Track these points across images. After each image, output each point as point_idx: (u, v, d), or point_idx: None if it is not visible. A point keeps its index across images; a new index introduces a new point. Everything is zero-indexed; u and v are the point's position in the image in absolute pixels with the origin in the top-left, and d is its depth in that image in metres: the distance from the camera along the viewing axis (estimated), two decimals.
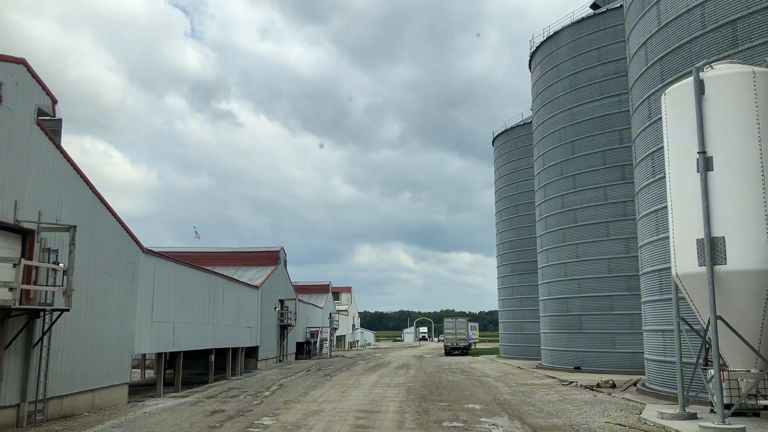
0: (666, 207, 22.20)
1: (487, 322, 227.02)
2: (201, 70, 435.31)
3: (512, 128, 61.18)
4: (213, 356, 34.65)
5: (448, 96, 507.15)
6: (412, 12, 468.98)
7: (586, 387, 27.41)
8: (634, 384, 26.71)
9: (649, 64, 23.83)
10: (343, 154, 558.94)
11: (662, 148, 22.65)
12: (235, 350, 39.44)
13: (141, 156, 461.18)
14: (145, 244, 25.32)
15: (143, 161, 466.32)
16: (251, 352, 44.78)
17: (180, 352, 29.79)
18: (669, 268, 22.33)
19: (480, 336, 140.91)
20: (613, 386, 26.45)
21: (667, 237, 22.18)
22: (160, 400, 25.35)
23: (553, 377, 33.88)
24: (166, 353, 39.26)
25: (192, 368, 41.48)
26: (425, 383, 32.01)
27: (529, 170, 57.08)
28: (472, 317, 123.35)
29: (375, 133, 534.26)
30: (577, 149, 39.57)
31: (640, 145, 24.92)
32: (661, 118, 22.64)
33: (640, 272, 26.06)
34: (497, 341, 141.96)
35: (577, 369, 37.96)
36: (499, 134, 63.28)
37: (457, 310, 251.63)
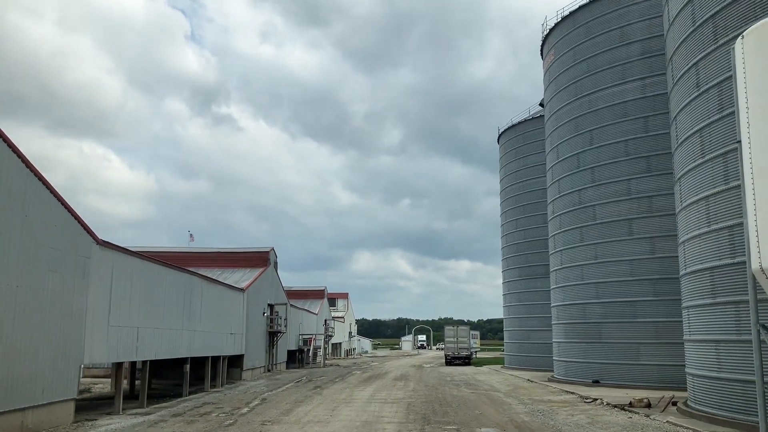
0: (723, 191, 18.48)
1: (485, 330, 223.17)
2: (201, 73, 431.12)
3: (519, 123, 57.52)
4: (188, 366, 30.74)
5: (449, 102, 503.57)
6: (414, 17, 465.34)
7: (615, 406, 23.54)
8: (673, 403, 22.86)
9: (697, 24, 20.13)
10: (343, 159, 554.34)
11: (714, 122, 18.99)
12: (215, 359, 35.53)
13: (140, 160, 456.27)
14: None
15: (142, 166, 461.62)
16: (235, 361, 40.86)
17: (146, 361, 25.88)
18: (724, 266, 18.59)
19: (480, 345, 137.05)
20: (649, 405, 22.60)
21: (724, 228, 18.45)
22: (116, 419, 21.47)
23: (572, 392, 30.02)
24: (138, 362, 35.43)
25: (170, 378, 37.63)
26: (427, 399, 28.15)
27: (538, 168, 53.45)
28: (471, 326, 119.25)
29: (376, 138, 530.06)
30: (596, 139, 35.82)
31: (685, 122, 21.17)
32: (715, 86, 18.99)
33: (683, 272, 22.30)
34: (498, 350, 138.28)
35: (596, 383, 34.07)
36: (505, 130, 59.57)
37: (456, 318, 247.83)
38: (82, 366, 20.57)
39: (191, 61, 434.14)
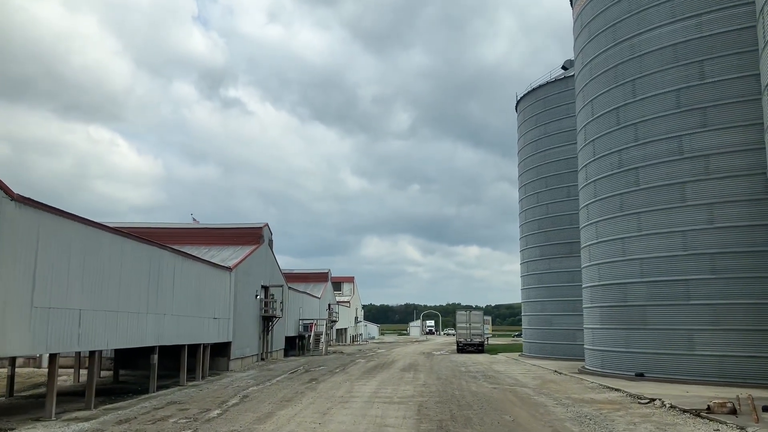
0: None
1: (494, 316, 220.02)
2: (209, 55, 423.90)
3: (540, 87, 51.94)
4: (156, 357, 25.83)
5: (460, 84, 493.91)
6: None
7: (685, 411, 18.38)
8: (765, 409, 17.63)
9: None
10: (352, 144, 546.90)
11: None
12: (194, 348, 30.64)
13: (148, 145, 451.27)
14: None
15: (150, 150, 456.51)
16: (221, 350, 36.00)
17: (93, 352, 20.95)
18: None
19: (492, 331, 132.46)
20: (734, 412, 17.41)
21: None
22: (40, 427, 16.54)
23: (616, 389, 24.88)
24: (108, 351, 30.91)
25: (144, 369, 32.73)
26: (442, 397, 23.13)
27: (562, 135, 48.18)
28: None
29: (385, 122, 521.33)
30: (639, 90, 30.38)
31: None
32: None
33: None
34: (509, 336, 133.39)
35: (639, 376, 28.96)
36: (524, 95, 53.99)
37: (463, 303, 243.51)
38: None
39: (198, 43, 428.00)
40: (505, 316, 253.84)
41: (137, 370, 33.93)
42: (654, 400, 20.85)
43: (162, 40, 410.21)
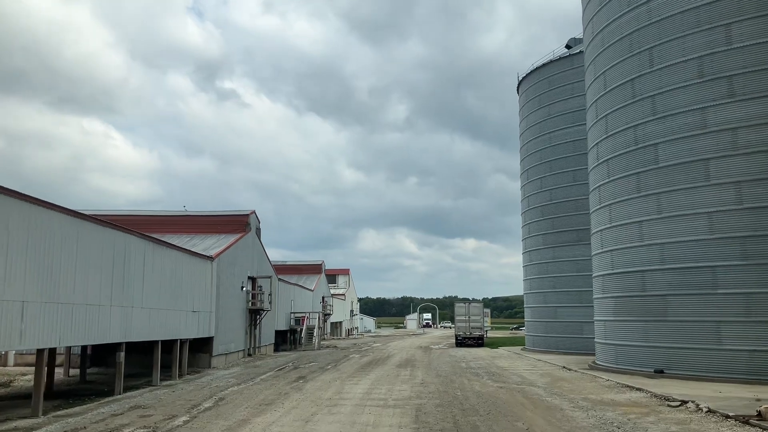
0: None
1: (491, 309, 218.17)
2: (204, 46, 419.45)
3: (544, 66, 49.12)
4: (123, 354, 23.08)
5: (458, 75, 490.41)
6: None
7: (728, 417, 15.73)
8: None
9: None
10: (348, 136, 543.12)
11: None
12: (169, 344, 27.92)
13: (143, 138, 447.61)
14: None
15: (145, 143, 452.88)
16: (203, 346, 33.32)
17: (42, 350, 18.19)
18: None
19: (491, 323, 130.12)
20: None
21: None
22: None
23: (638, 388, 22.24)
24: (76, 347, 28.45)
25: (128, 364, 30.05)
26: (442, 399, 20.47)
27: (567, 116, 45.49)
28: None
29: (381, 114, 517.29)
30: (657, 58, 27.63)
31: None
32: None
33: None
34: (506, 329, 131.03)
35: (659, 373, 26.34)
36: (527, 75, 51.13)
37: (461, 296, 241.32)
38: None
39: (193, 34, 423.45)
40: (502, 309, 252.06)
41: (109, 368, 31.22)
42: (686, 402, 18.21)
43: (156, 31, 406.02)
